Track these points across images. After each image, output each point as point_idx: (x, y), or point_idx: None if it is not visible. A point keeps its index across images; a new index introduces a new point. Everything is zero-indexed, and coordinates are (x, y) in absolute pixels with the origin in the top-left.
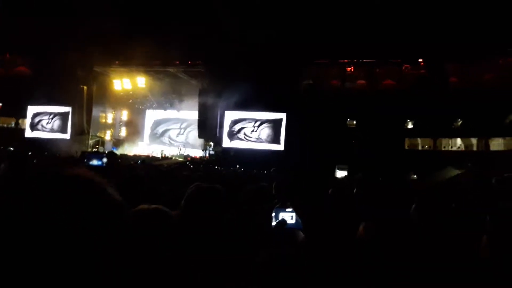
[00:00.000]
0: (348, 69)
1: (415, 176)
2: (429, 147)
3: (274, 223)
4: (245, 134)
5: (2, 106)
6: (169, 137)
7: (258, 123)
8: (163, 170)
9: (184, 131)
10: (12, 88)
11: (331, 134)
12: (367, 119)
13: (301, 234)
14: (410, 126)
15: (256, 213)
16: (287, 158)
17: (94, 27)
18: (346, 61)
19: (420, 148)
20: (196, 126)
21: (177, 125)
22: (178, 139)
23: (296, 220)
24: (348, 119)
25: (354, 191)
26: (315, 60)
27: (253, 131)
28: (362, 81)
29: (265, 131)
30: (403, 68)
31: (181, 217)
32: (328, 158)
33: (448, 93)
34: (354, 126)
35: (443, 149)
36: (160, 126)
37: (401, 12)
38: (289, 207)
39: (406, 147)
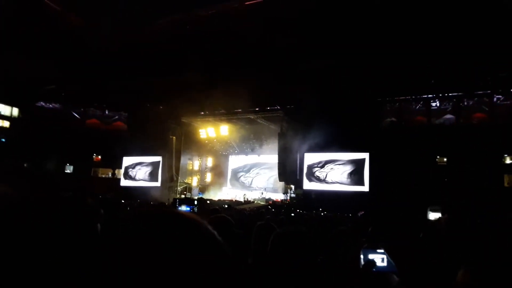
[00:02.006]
0: (433, 104)
1: None
2: None
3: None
4: (327, 175)
5: (101, 158)
6: (251, 182)
7: (339, 164)
8: (246, 214)
9: (265, 175)
10: (110, 141)
11: (420, 173)
12: (459, 155)
13: (395, 278)
14: (508, 161)
15: (343, 256)
16: (373, 199)
17: (181, 82)
18: (430, 96)
19: None
20: (277, 170)
21: (258, 170)
22: (259, 183)
23: (388, 262)
24: (438, 157)
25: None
26: (396, 97)
27: (334, 172)
28: (449, 116)
29: (347, 172)
30: (494, 99)
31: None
32: (419, 198)
33: None
34: (445, 163)
35: None
36: (242, 171)
37: (486, 39)
38: (379, 248)
39: (506, 184)
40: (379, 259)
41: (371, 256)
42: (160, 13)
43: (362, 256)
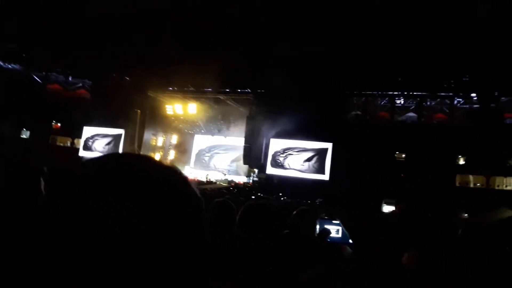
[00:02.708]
0: (398, 101)
1: (466, 214)
2: (482, 185)
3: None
4: (289, 162)
5: (60, 126)
6: (214, 163)
7: (303, 152)
8: (207, 194)
9: (228, 157)
10: (71, 110)
11: (379, 166)
12: (417, 152)
13: (349, 249)
14: (461, 162)
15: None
16: (332, 189)
17: (151, 54)
18: (396, 92)
19: (472, 185)
20: (241, 152)
21: (222, 150)
22: (222, 164)
23: (343, 233)
24: (397, 152)
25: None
26: (363, 91)
27: (297, 160)
28: (411, 114)
29: (309, 160)
30: (455, 102)
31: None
32: (375, 191)
33: (502, 129)
34: (403, 159)
35: (496, 187)
36: (206, 151)
37: (453, 43)
38: (335, 219)
39: (457, 184)
40: (334, 230)
41: (326, 227)
42: None
43: (318, 226)
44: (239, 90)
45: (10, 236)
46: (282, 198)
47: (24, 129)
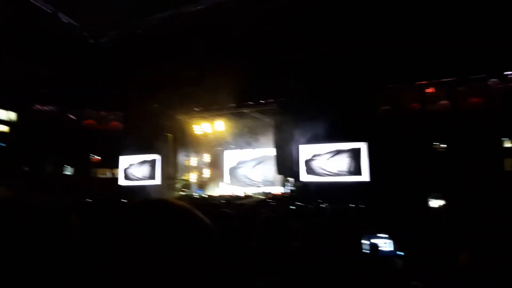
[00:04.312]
0: (427, 90)
1: None
2: None
3: (366, 248)
4: (323, 167)
5: (99, 158)
6: (248, 176)
7: (336, 155)
8: (245, 208)
9: (262, 169)
10: (106, 142)
11: (419, 160)
12: (458, 141)
13: (399, 261)
14: (508, 144)
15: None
16: (373, 189)
17: (172, 79)
18: (423, 82)
19: None
20: (274, 163)
21: (255, 164)
22: (257, 177)
23: (392, 246)
24: (436, 143)
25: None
26: (389, 85)
27: (331, 163)
28: (444, 102)
29: (344, 163)
30: (489, 83)
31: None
32: (419, 186)
33: None
34: (444, 150)
35: None
36: (238, 165)
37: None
38: (382, 233)
39: (507, 169)
40: (382, 243)
41: (374, 241)
42: (149, 11)
43: (365, 241)
44: (261, 101)
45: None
46: (321, 205)
47: (66, 165)
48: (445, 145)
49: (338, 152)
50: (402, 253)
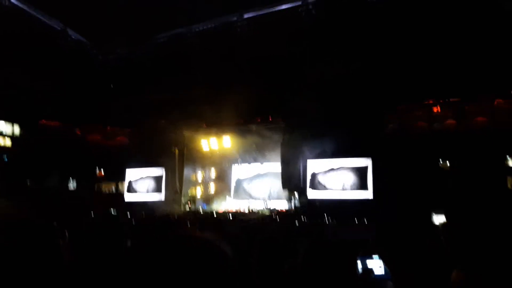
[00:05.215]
0: (435, 109)
1: None
2: None
3: (360, 271)
4: (329, 182)
5: (104, 173)
6: (254, 191)
7: (342, 170)
8: (250, 226)
9: (268, 184)
10: (112, 156)
11: (423, 178)
12: (462, 159)
13: (391, 284)
14: (511, 163)
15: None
16: (377, 206)
17: (181, 97)
18: (431, 101)
19: None
20: (280, 178)
21: (261, 178)
22: (263, 192)
23: (384, 269)
24: (441, 161)
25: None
26: (398, 106)
27: (337, 179)
28: (451, 121)
29: (350, 179)
30: (495, 103)
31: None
32: (423, 203)
33: None
34: (448, 168)
35: None
36: (244, 180)
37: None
38: (375, 255)
39: (510, 186)
40: (376, 266)
41: (368, 263)
42: (159, 29)
43: (359, 263)
44: (270, 120)
45: None
46: (327, 222)
47: (71, 180)
48: (450, 163)
49: (344, 168)
50: (391, 277)
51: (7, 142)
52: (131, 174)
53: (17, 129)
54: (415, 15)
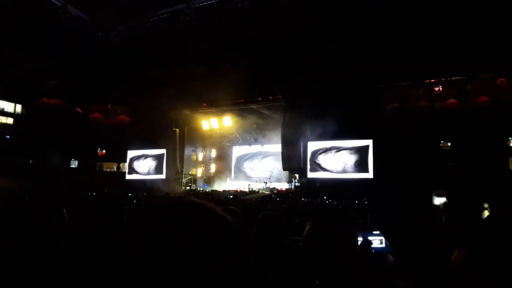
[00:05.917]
0: (436, 88)
1: None
2: None
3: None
4: (329, 164)
5: (105, 152)
6: (255, 172)
7: (343, 151)
8: (250, 204)
9: (269, 165)
10: (114, 135)
11: (424, 158)
12: (463, 139)
13: (391, 258)
14: None
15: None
16: (377, 186)
17: (181, 74)
18: (433, 80)
19: None
20: (280, 159)
21: (262, 159)
22: (263, 172)
23: (384, 243)
24: (442, 141)
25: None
26: (398, 83)
27: (338, 160)
28: (453, 100)
29: (351, 159)
30: (498, 82)
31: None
32: (423, 184)
33: None
34: (449, 148)
35: None
36: (245, 161)
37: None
38: (376, 230)
39: (511, 167)
40: (376, 240)
41: (368, 238)
42: (160, 5)
43: (359, 238)
44: (270, 98)
45: None
46: (326, 201)
47: (73, 159)
48: (452, 143)
49: (345, 149)
50: (391, 250)
51: (9, 120)
52: (132, 153)
53: (18, 107)
54: None
